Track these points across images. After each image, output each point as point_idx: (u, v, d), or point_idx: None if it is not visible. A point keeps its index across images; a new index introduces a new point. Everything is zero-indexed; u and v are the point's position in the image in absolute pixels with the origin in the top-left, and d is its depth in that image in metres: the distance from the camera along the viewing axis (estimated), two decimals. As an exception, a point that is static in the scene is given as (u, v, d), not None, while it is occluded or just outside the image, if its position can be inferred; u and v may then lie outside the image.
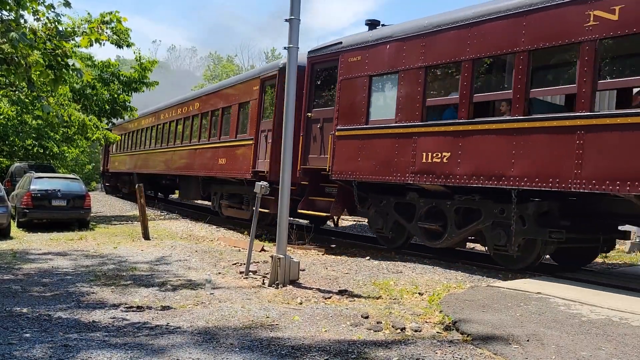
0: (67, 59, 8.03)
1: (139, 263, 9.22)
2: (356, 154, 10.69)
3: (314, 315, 5.82)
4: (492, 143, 8.47)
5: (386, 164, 10.09)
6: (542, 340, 4.79)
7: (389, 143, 10.09)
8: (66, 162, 35.71)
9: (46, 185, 15.69)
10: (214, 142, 16.16)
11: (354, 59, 10.96)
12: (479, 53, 8.78)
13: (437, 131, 9.35)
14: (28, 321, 5.47)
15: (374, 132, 10.45)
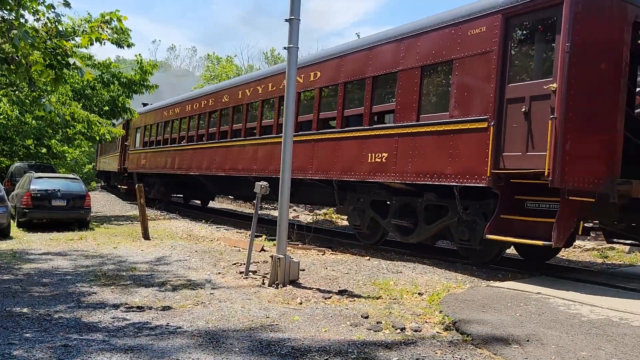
0: (68, 58, 8.03)
1: (139, 263, 9.23)
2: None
3: (313, 315, 5.83)
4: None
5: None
6: (542, 340, 4.79)
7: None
8: (66, 162, 35.72)
9: (46, 185, 15.68)
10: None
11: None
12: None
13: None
14: (28, 321, 5.47)
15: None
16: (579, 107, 7.50)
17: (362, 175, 10.47)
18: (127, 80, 19.15)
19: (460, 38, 8.91)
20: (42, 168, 23.99)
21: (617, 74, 7.73)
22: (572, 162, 7.44)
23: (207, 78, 46.78)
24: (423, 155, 9.38)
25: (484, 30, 8.55)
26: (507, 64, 8.28)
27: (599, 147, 7.68)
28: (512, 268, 9.56)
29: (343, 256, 10.65)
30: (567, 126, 7.39)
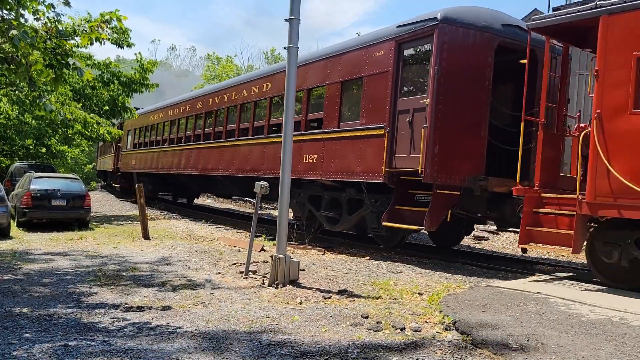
0: (68, 58, 8.03)
1: (139, 263, 9.23)
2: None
3: (313, 315, 5.83)
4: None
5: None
6: (542, 340, 4.79)
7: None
8: (66, 162, 35.69)
9: (46, 185, 15.68)
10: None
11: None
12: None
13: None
14: (28, 321, 5.47)
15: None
16: (446, 118, 9.22)
17: (299, 174, 12.06)
18: (127, 80, 19.13)
19: (369, 59, 10.64)
20: (42, 168, 23.98)
21: (482, 91, 9.44)
22: (440, 162, 9.17)
23: (207, 78, 46.83)
24: (342, 157, 11.10)
25: (383, 54, 10.21)
26: (399, 82, 10.01)
27: (465, 151, 9.36)
28: (511, 268, 9.56)
29: (343, 256, 10.66)
30: (436, 133, 9.15)
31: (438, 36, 9.19)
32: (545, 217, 8.02)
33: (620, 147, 7.10)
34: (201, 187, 22.85)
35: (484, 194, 9.45)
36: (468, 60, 9.37)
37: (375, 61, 10.46)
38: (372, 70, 10.51)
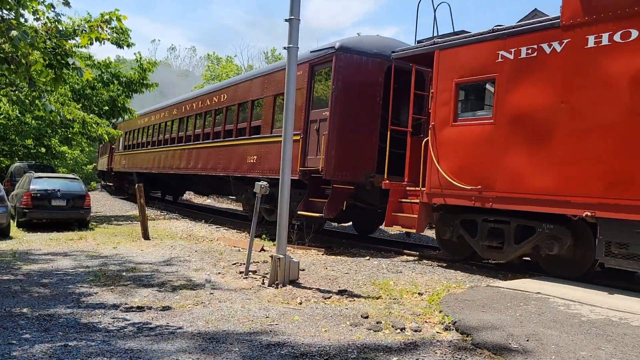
0: (67, 58, 8.02)
1: (139, 263, 9.22)
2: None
3: (313, 315, 5.83)
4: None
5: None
6: (542, 340, 4.79)
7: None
8: (66, 162, 35.70)
9: (46, 185, 15.67)
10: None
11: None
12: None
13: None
14: (28, 321, 5.47)
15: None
16: (342, 127, 11.29)
17: (244, 172, 14.57)
18: (127, 80, 19.13)
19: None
20: (41, 168, 23.99)
21: (373, 105, 11.44)
22: (337, 163, 11.22)
23: (207, 78, 46.98)
24: (273, 158, 13.12)
25: (301, 74, 11.98)
26: (311, 96, 12.17)
27: (358, 153, 11.37)
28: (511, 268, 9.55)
29: (343, 256, 10.66)
30: (333, 139, 11.23)
31: (335, 61, 11.32)
32: (405, 205, 10.17)
33: (445, 151, 9.29)
34: (182, 186, 24.87)
35: (374, 189, 11.28)
36: (361, 80, 11.42)
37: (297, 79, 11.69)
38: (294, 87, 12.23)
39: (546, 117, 7.92)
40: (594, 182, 7.32)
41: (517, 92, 8.32)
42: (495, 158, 8.52)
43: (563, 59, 7.79)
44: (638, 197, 6.85)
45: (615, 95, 7.23)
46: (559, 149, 7.74)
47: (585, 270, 8.16)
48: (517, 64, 8.35)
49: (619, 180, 7.10)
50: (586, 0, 7.52)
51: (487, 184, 8.57)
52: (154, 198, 26.94)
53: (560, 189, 7.66)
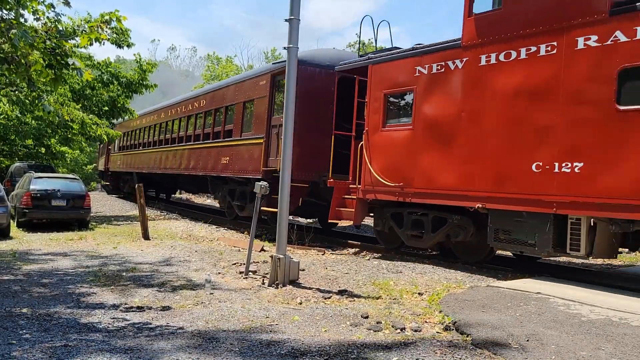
0: (67, 58, 8.01)
1: (138, 263, 9.22)
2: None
3: (313, 316, 5.82)
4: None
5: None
6: (542, 340, 4.79)
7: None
8: (66, 162, 35.73)
9: (46, 185, 15.67)
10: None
11: None
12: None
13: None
14: (28, 321, 5.47)
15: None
16: (299, 131, 11.12)
17: (219, 171, 16.06)
18: (127, 80, 19.13)
19: (257, 86, 14.41)
20: (41, 168, 23.97)
21: (327, 111, 12.41)
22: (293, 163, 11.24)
23: (207, 78, 47.03)
24: (242, 159, 14.64)
25: (264, 83, 13.85)
26: (273, 104, 13.53)
27: (312, 155, 12.48)
28: (511, 268, 9.55)
29: (343, 256, 10.66)
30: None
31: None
32: (347, 201, 11.30)
33: (375, 153, 10.51)
34: (172, 185, 25.92)
35: (327, 187, 12.09)
36: (315, 89, 12.69)
37: (260, 88, 14.15)
38: (258, 95, 14.17)
39: (451, 124, 9.20)
40: (485, 179, 8.62)
41: (430, 102, 9.61)
42: (413, 159, 9.85)
43: (463, 74, 9.07)
44: (517, 191, 8.17)
45: (501, 105, 8.47)
46: (460, 152, 9.02)
47: (484, 255, 9.67)
48: (430, 78, 9.63)
49: (503, 177, 8.37)
50: (479, 25, 8.81)
51: (407, 181, 9.91)
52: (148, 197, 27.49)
53: (461, 185, 8.95)
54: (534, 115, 8.08)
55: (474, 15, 9.00)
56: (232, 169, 15.12)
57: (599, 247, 7.64)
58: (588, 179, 7.41)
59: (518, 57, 8.30)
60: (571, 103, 7.72)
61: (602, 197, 7.23)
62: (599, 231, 7.59)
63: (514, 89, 8.28)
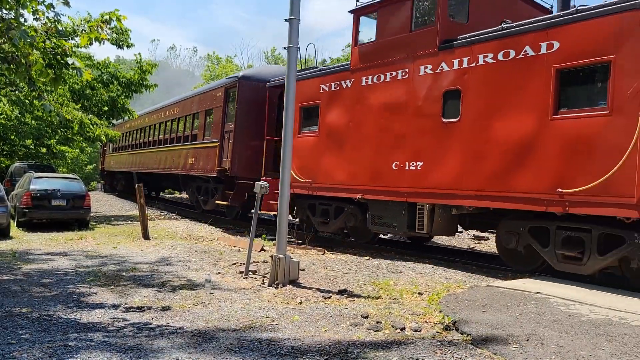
0: (67, 58, 8.00)
1: (139, 263, 9.22)
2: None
3: (313, 315, 5.82)
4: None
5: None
6: (542, 340, 4.79)
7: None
8: (66, 162, 35.74)
9: (46, 185, 15.66)
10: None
11: None
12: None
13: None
14: (28, 321, 5.47)
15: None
16: (243, 137, 14.86)
17: (187, 171, 18.35)
18: (126, 80, 19.13)
19: (215, 97, 16.70)
20: (41, 168, 23.98)
21: (263, 117, 14.37)
22: (239, 164, 14.75)
23: (207, 78, 47.02)
24: (203, 160, 16.76)
25: (220, 95, 16.15)
26: (226, 113, 15.81)
27: (253, 157, 14.52)
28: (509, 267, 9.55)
29: (343, 256, 10.66)
30: (236, 146, 14.83)
31: (238, 87, 15.05)
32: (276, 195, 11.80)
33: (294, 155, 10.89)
34: (156, 182, 27.26)
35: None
36: (258, 101, 14.67)
37: (217, 99, 16.43)
38: (216, 105, 16.45)
39: (343, 132, 11.31)
40: (364, 175, 10.76)
41: (329, 114, 11.77)
42: (318, 160, 11.92)
43: (351, 92, 11.19)
44: (384, 185, 10.28)
45: (374, 117, 10.59)
46: (348, 154, 11.15)
47: (369, 238, 12.03)
48: (330, 94, 11.80)
49: (375, 174, 10.48)
50: (361, 53, 11.02)
51: (314, 178, 12.00)
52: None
53: (349, 181, 11.08)
54: (393, 125, 10.18)
55: (358, 45, 11.20)
56: (197, 169, 17.34)
57: (436, 226, 9.77)
58: (426, 174, 9.55)
59: (385, 80, 10.45)
60: (416, 116, 9.80)
61: (435, 188, 9.40)
62: (436, 214, 9.70)
63: (382, 104, 10.43)
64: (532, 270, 8.72)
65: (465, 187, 8.85)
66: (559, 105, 7.84)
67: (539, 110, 7.97)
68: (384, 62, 10.41)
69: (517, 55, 8.34)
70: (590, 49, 7.49)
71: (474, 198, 8.76)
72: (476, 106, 8.83)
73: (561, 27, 7.84)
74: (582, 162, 7.43)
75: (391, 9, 10.43)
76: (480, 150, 8.70)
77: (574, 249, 7.80)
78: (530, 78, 8.15)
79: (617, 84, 7.16)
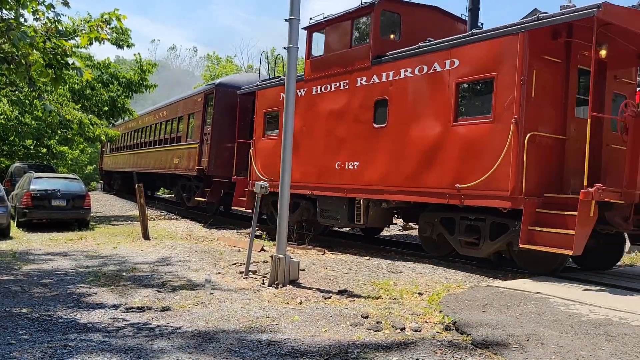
0: (67, 58, 7.99)
1: (139, 263, 9.22)
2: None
3: (313, 315, 5.82)
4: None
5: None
6: (542, 340, 4.79)
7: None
8: (66, 162, 35.75)
9: (46, 185, 15.65)
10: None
11: None
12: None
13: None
14: (27, 321, 5.47)
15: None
16: (219, 139, 16.37)
17: (173, 170, 19.92)
18: (126, 80, 19.13)
19: (195, 103, 18.32)
20: (42, 168, 23.97)
21: (233, 120, 15.90)
22: (215, 163, 16.30)
23: (207, 78, 47.06)
24: (186, 159, 18.37)
25: (200, 100, 17.79)
26: (205, 117, 17.39)
27: (228, 157, 15.92)
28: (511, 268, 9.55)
29: (343, 256, 10.65)
30: (213, 147, 16.37)
31: (215, 93, 16.70)
32: (247, 192, 14.41)
33: (259, 156, 14.17)
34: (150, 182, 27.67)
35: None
36: (230, 105, 16.16)
37: (198, 104, 18.05)
38: (197, 109, 18.05)
39: (298, 136, 11.59)
40: (314, 174, 12.05)
41: None
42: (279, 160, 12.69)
43: (305, 99, 12.50)
44: (329, 183, 11.52)
45: (322, 123, 11.98)
46: (302, 155, 12.26)
47: (321, 230, 13.35)
48: None
49: (323, 173, 11.79)
50: (313, 65, 12.43)
51: (276, 176, 12.08)
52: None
53: (303, 179, 12.16)
54: (337, 130, 11.49)
55: (310, 59, 12.60)
56: (180, 168, 18.94)
57: (371, 218, 11.07)
58: (361, 173, 10.87)
59: (331, 89, 11.87)
60: (354, 122, 11.05)
61: (368, 185, 10.72)
62: (370, 208, 10.99)
63: (328, 111, 11.83)
64: (444, 255, 10.10)
65: (391, 184, 10.28)
66: (458, 114, 9.26)
67: (444, 118, 9.36)
68: (330, 73, 11.85)
69: (429, 70, 9.76)
70: (480, 66, 8.88)
71: (397, 193, 10.20)
72: (399, 114, 10.24)
73: (460, 47, 9.23)
74: (473, 161, 8.79)
75: (336, 27, 11.88)
76: (401, 152, 10.10)
77: (472, 236, 9.16)
78: (438, 90, 9.53)
79: (498, 96, 8.51)
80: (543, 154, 8.43)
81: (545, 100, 8.50)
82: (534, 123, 8.29)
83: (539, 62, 8.39)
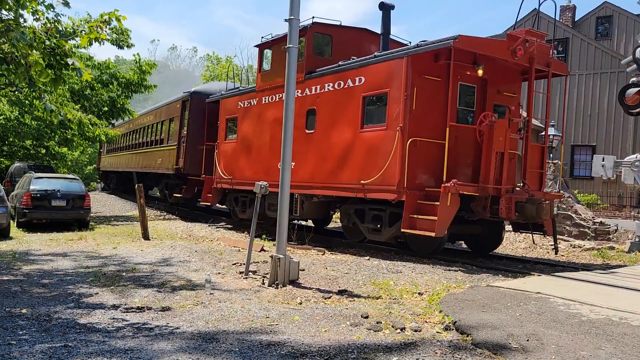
0: (67, 58, 7.99)
1: (138, 263, 9.22)
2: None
3: (313, 316, 5.82)
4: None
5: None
6: (542, 340, 4.79)
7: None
8: (66, 163, 35.73)
9: (46, 186, 15.65)
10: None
11: None
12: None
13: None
14: (27, 322, 5.47)
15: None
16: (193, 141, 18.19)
17: (155, 169, 21.91)
18: (126, 81, 19.14)
19: (175, 109, 20.13)
20: (41, 168, 23.96)
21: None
22: (189, 163, 17.98)
23: (206, 78, 47.07)
24: (166, 160, 20.16)
25: (179, 106, 19.61)
26: (182, 122, 19.13)
27: (199, 158, 17.51)
28: (511, 268, 9.56)
29: (343, 256, 10.66)
30: (187, 148, 18.11)
31: (190, 100, 18.69)
32: (213, 190, 16.41)
33: (221, 157, 16.00)
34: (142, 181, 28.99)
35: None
36: (202, 111, 17.95)
37: (176, 109, 19.93)
38: (176, 114, 19.88)
39: (251, 139, 14.60)
40: (262, 172, 13.87)
41: (244, 125, 15.18)
42: (236, 161, 15.16)
43: (257, 108, 14.55)
44: (273, 180, 11.27)
45: (268, 128, 13.90)
46: (253, 156, 14.44)
47: (272, 223, 12.95)
48: (244, 109, 15.20)
49: (268, 171, 13.45)
50: (263, 78, 14.41)
51: (233, 175, 15.29)
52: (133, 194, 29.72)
53: (254, 176, 13.82)
54: (278, 135, 11.56)
55: (261, 72, 14.71)
56: (163, 167, 20.79)
57: (306, 211, 12.88)
58: (297, 171, 12.13)
59: (274, 100, 13.70)
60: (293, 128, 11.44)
61: (301, 182, 12.28)
62: (305, 202, 12.74)
63: (273, 119, 13.54)
64: (359, 241, 11.95)
65: (317, 181, 12.10)
66: (364, 122, 11.13)
67: (355, 125, 11.26)
68: (275, 85, 13.54)
69: (345, 85, 11.64)
70: (379, 83, 10.76)
71: (322, 188, 12.04)
72: (324, 121, 12.12)
73: (367, 67, 11.13)
74: (373, 161, 10.60)
75: (279, 46, 12.97)
76: (325, 154, 11.95)
77: (376, 224, 11.00)
78: (350, 102, 11.38)
79: (390, 108, 10.40)
80: (424, 156, 10.16)
81: (426, 111, 10.23)
82: (415, 130, 10.07)
83: (420, 81, 10.18)
